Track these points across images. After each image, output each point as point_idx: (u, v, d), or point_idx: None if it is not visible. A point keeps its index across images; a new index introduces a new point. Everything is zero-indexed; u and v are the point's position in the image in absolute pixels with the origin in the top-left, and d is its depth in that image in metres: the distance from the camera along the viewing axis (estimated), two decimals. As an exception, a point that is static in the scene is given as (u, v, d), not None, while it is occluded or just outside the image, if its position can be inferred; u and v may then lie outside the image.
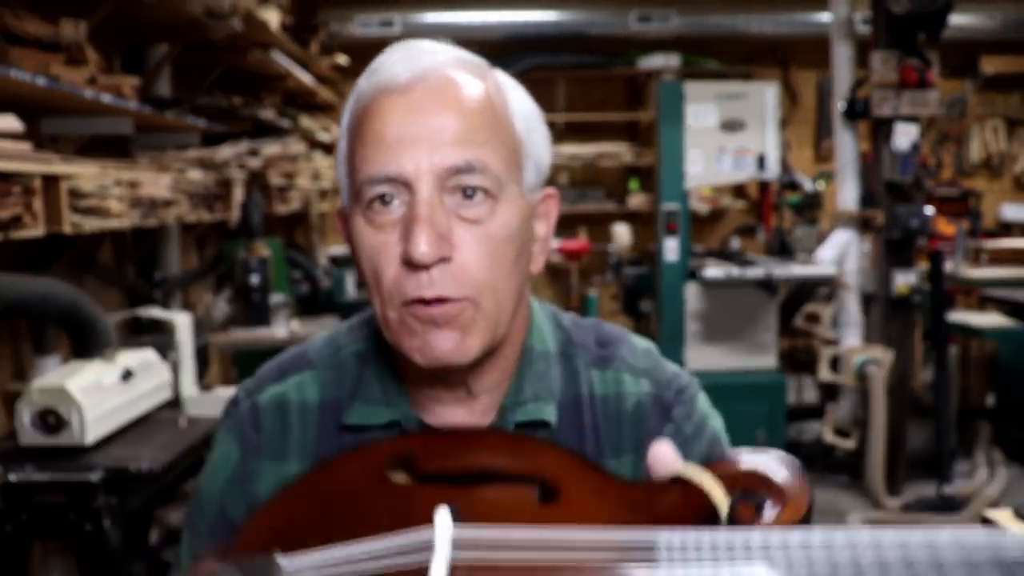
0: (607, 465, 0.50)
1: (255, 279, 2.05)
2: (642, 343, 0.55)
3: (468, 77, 0.46)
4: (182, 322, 1.48)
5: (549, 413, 0.49)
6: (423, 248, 0.42)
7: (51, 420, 1.17)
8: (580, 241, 3.92)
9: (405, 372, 0.50)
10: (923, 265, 2.57)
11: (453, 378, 0.48)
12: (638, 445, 0.50)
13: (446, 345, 0.44)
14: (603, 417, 0.51)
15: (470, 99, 0.45)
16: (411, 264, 0.43)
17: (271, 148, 2.42)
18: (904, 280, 2.41)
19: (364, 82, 0.46)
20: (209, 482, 0.53)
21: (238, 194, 2.15)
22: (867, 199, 2.48)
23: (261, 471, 0.50)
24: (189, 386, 1.47)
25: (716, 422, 0.53)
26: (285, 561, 0.36)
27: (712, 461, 0.35)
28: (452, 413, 0.50)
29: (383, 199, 0.44)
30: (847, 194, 2.51)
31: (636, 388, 0.51)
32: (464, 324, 0.45)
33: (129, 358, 1.33)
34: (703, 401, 0.53)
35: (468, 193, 0.44)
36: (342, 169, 0.48)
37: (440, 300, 0.44)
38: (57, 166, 1.24)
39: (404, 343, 0.46)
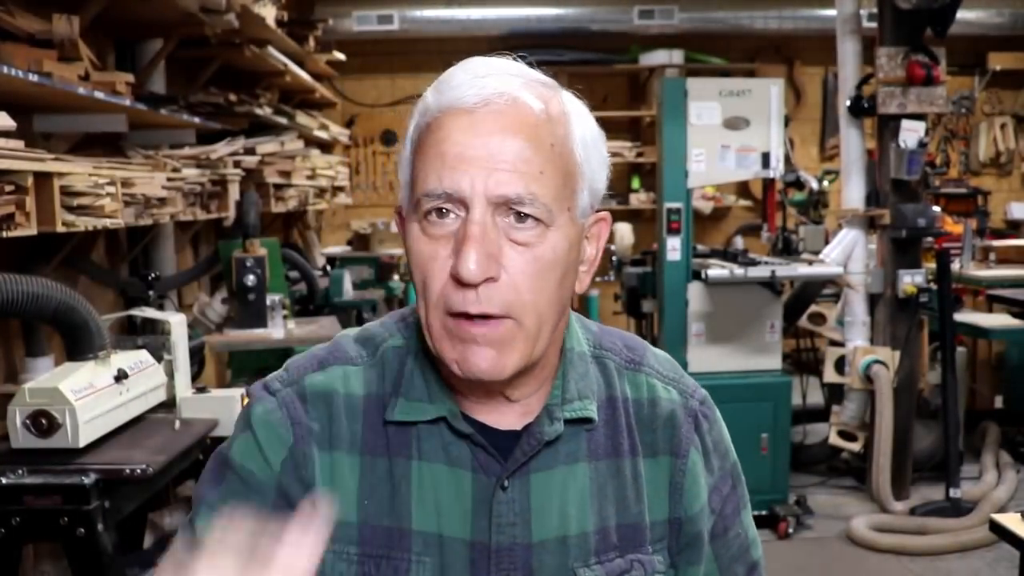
0: (643, 464, 0.55)
1: (251, 279, 2.03)
2: (662, 352, 0.60)
3: (533, 102, 0.48)
4: (177, 323, 1.47)
5: (592, 411, 0.53)
6: (472, 267, 0.45)
7: (44, 422, 1.16)
8: (582, 240, 3.88)
9: (446, 371, 0.52)
10: (930, 264, 2.53)
11: (491, 388, 0.51)
12: (674, 448, 0.55)
13: (483, 364, 0.48)
14: (636, 419, 0.55)
15: (531, 126, 0.47)
16: (459, 281, 0.46)
17: (267, 146, 2.40)
18: (910, 280, 2.38)
19: (431, 96, 0.49)
20: (255, 461, 0.51)
21: (234, 192, 2.13)
22: (873, 197, 2.45)
23: (312, 457, 0.51)
24: (183, 388, 1.45)
25: (727, 433, 0.59)
26: None
27: None
28: (493, 411, 0.53)
29: (440, 212, 0.47)
30: (853, 192, 2.48)
31: (667, 395, 0.56)
32: (504, 344, 0.48)
33: (123, 359, 1.31)
34: (718, 412, 0.59)
35: (520, 217, 0.47)
36: (404, 172, 0.51)
37: (484, 317, 0.47)
38: (49, 164, 1.23)
39: (444, 352, 0.49)
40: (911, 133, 2.32)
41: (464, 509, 0.51)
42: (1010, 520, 1.13)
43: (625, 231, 2.99)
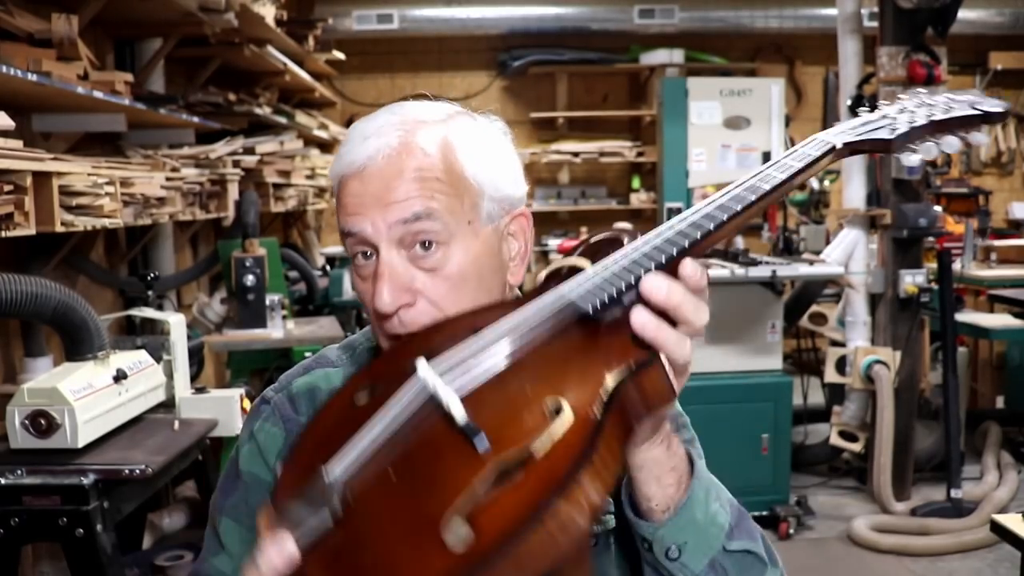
0: None
1: (250, 279, 2.03)
2: None
3: (413, 145, 0.54)
4: (176, 323, 1.46)
5: None
6: (385, 299, 0.52)
7: (43, 422, 1.15)
8: (582, 240, 3.88)
9: None
10: (931, 264, 2.53)
11: None
12: None
13: None
14: None
15: (414, 168, 0.53)
16: (377, 313, 0.53)
17: (267, 145, 2.39)
18: (912, 280, 2.37)
19: (334, 164, 0.57)
20: (259, 465, 0.59)
21: (233, 192, 2.12)
22: (874, 197, 2.44)
23: None
24: (183, 388, 1.45)
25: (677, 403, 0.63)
26: (329, 470, 0.42)
27: None
28: None
29: (364, 255, 0.54)
30: (854, 192, 2.48)
31: None
32: None
33: (122, 359, 1.31)
34: None
35: (425, 245, 0.53)
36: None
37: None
38: (48, 164, 1.22)
39: None
40: (912, 133, 2.31)
41: None
42: (1011, 521, 1.13)
43: (625, 231, 2.97)
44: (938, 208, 2.56)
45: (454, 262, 0.53)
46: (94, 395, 1.20)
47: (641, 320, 0.42)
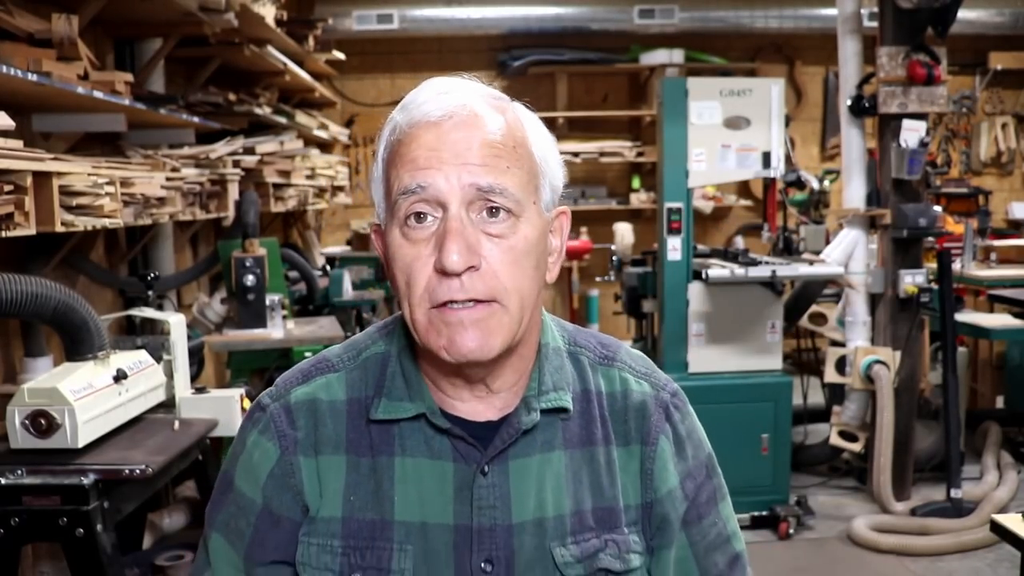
0: (616, 452, 0.58)
1: (250, 279, 2.03)
2: (635, 350, 0.64)
3: (492, 112, 0.54)
4: (176, 323, 1.46)
5: (567, 401, 0.58)
6: (455, 258, 0.50)
7: (43, 422, 1.15)
8: (582, 240, 3.89)
9: (426, 370, 0.57)
10: (931, 264, 2.53)
11: (474, 376, 0.56)
12: (644, 436, 0.59)
13: (471, 343, 0.52)
14: (610, 411, 0.59)
15: (494, 130, 0.53)
16: (444, 272, 0.51)
17: (267, 145, 2.39)
18: (912, 280, 2.37)
19: (399, 116, 0.54)
20: (250, 483, 0.57)
21: (233, 192, 2.12)
22: (874, 197, 2.45)
23: (299, 465, 0.56)
24: (183, 388, 1.45)
25: (700, 427, 0.62)
26: None
27: None
28: (471, 407, 0.57)
29: (419, 216, 0.52)
30: (854, 192, 2.48)
31: (639, 387, 0.60)
32: (490, 325, 0.52)
33: (122, 359, 1.31)
34: (691, 407, 0.62)
35: (493, 212, 0.52)
36: (378, 191, 0.56)
37: (469, 301, 0.51)
38: (48, 164, 1.22)
39: (432, 342, 0.53)
40: (912, 133, 2.32)
41: (446, 496, 0.55)
42: (1011, 521, 1.13)
43: (625, 231, 2.98)
44: (938, 208, 2.56)
45: (521, 234, 0.52)
46: (94, 395, 1.20)
47: None
